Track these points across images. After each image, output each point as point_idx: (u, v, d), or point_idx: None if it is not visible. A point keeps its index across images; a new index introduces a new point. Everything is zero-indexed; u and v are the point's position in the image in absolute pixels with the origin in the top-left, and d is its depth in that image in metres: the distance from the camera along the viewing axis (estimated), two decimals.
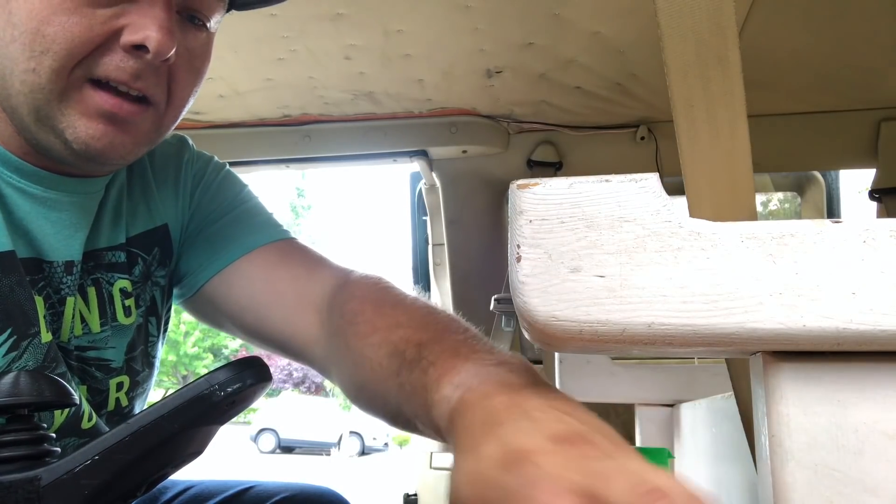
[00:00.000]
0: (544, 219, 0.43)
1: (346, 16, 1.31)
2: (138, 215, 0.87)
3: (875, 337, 0.39)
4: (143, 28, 0.67)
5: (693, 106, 0.62)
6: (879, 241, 0.39)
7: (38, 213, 0.76)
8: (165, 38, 0.67)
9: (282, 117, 1.77)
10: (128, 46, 0.68)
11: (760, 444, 0.43)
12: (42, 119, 0.69)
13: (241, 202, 0.92)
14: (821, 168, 1.89)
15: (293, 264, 0.86)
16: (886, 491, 0.39)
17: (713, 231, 0.41)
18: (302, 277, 0.84)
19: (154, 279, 0.88)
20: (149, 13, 0.68)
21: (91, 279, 0.81)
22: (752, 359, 0.44)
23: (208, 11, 0.75)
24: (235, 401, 0.64)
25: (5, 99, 0.71)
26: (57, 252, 0.77)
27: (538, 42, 1.42)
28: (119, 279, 0.84)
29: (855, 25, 1.33)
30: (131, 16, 0.68)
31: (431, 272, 2.08)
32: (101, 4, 0.67)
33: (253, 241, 0.87)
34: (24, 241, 0.75)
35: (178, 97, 0.75)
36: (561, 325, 0.42)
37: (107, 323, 0.82)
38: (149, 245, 0.87)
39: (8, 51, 0.68)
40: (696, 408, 1.04)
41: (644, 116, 1.75)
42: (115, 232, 0.84)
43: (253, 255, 0.86)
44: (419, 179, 1.99)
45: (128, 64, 0.68)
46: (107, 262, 0.83)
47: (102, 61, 0.68)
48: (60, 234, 0.77)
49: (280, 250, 0.87)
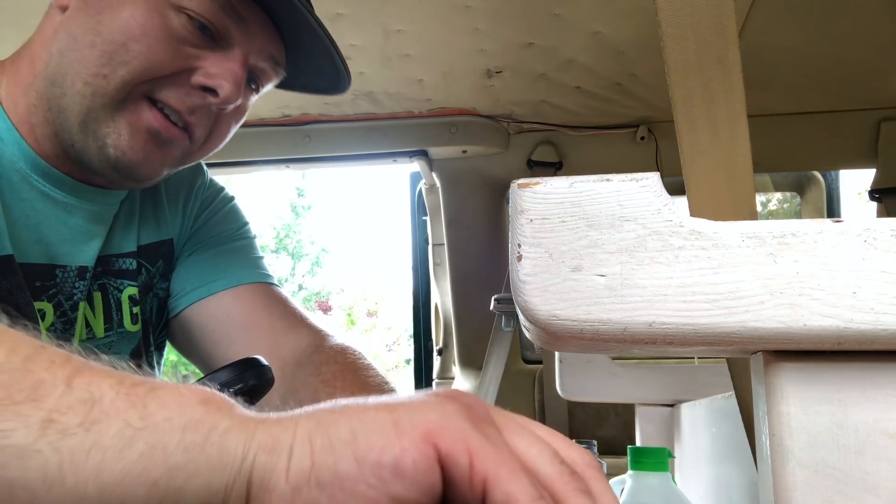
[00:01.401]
0: (545, 218, 0.43)
1: (346, 16, 1.31)
2: (148, 226, 0.89)
3: (876, 336, 0.39)
4: (218, 76, 0.74)
5: (693, 106, 0.62)
6: (880, 240, 0.39)
7: (57, 217, 0.77)
8: (235, 90, 0.75)
9: (282, 117, 1.77)
10: (197, 86, 0.74)
11: (761, 443, 0.43)
12: (88, 122, 0.73)
13: (240, 237, 0.96)
14: (821, 168, 1.89)
15: (274, 315, 0.89)
16: (887, 490, 0.39)
17: (714, 230, 0.41)
18: (279, 330, 0.88)
19: (155, 290, 0.89)
20: (226, 65, 0.75)
21: (97, 284, 0.82)
22: (753, 358, 0.44)
23: (265, 80, 0.83)
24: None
25: (58, 97, 0.73)
26: (71, 257, 0.78)
27: (538, 42, 1.42)
28: (128, 286, 0.85)
29: (855, 25, 1.33)
30: (209, 61, 0.74)
31: (431, 272, 2.08)
32: (188, 43, 0.73)
33: (240, 276, 0.90)
34: (39, 245, 0.76)
35: (214, 141, 0.81)
36: (562, 324, 0.42)
37: (112, 328, 0.83)
38: (155, 256, 0.89)
39: (82, 54, 0.72)
40: (696, 408, 1.04)
41: (644, 116, 1.75)
42: (126, 239, 0.86)
43: (238, 291, 0.90)
44: (419, 179, 1.99)
45: (190, 99, 0.74)
46: (116, 268, 0.84)
47: (168, 88, 0.73)
48: (76, 240, 0.79)
49: (264, 295, 0.91)
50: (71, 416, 0.32)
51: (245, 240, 0.95)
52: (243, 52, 0.76)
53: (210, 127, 0.79)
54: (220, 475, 0.33)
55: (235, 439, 0.34)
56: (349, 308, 11.99)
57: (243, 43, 0.76)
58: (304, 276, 11.62)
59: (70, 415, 0.32)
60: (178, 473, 0.32)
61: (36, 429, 0.31)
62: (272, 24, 0.79)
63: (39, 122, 0.75)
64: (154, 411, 0.34)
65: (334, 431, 0.34)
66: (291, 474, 0.33)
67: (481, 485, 0.34)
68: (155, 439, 0.33)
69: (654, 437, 1.20)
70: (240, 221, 0.97)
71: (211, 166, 0.99)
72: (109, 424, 0.32)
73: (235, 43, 0.76)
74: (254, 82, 0.81)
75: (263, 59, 0.79)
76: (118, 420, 0.33)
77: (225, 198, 0.98)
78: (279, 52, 0.81)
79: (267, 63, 0.80)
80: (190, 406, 0.35)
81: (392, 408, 0.35)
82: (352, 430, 0.34)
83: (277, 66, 0.82)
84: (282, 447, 0.34)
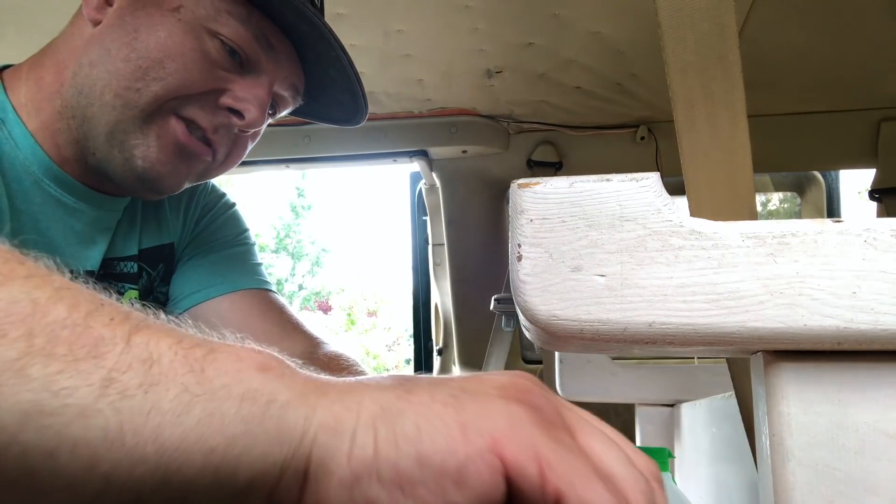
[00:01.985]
0: (545, 218, 0.43)
1: (346, 16, 1.31)
2: (150, 230, 0.90)
3: (876, 336, 0.39)
4: (246, 100, 0.78)
5: (693, 106, 0.62)
6: (881, 240, 0.39)
7: (66, 222, 0.79)
8: (260, 115, 0.79)
9: (282, 117, 1.77)
10: (224, 107, 0.78)
11: (761, 443, 0.43)
12: (116, 133, 0.75)
13: (239, 243, 0.98)
14: (821, 168, 1.89)
15: (270, 320, 0.91)
16: (887, 490, 0.39)
17: (714, 230, 0.41)
18: (274, 336, 0.89)
19: (156, 294, 0.90)
20: (254, 91, 0.78)
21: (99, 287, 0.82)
22: (753, 358, 0.44)
23: (283, 107, 0.87)
24: None
25: (85, 107, 0.75)
26: (79, 261, 0.79)
27: (538, 42, 1.42)
28: (129, 289, 0.86)
29: (855, 26, 1.33)
30: (238, 85, 0.78)
31: (431, 272, 2.07)
32: (220, 66, 0.76)
33: (238, 282, 0.92)
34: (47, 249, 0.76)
35: (232, 160, 0.85)
36: (562, 324, 0.42)
37: None
38: (156, 260, 0.90)
39: (115, 66, 0.74)
40: (696, 408, 1.04)
41: (644, 116, 1.75)
42: (128, 243, 0.87)
43: (234, 297, 0.91)
44: (419, 179, 1.99)
45: (216, 118, 0.78)
46: (118, 271, 0.85)
47: (196, 106, 0.77)
48: (83, 245, 0.80)
49: (260, 301, 0.92)
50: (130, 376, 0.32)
51: (244, 246, 0.97)
52: (270, 80, 0.80)
53: (230, 147, 0.82)
54: (278, 449, 0.33)
55: (295, 415, 0.33)
56: (349, 308, 11.99)
57: (271, 72, 0.80)
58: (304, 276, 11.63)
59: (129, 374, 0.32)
60: (235, 443, 0.32)
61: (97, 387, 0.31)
62: (297, 55, 0.82)
63: (63, 128, 0.77)
64: (212, 377, 0.33)
65: (399, 424, 0.33)
66: (353, 460, 0.33)
67: (554, 494, 0.32)
68: (213, 407, 0.32)
69: (654, 437, 1.20)
70: (240, 227, 0.98)
71: None
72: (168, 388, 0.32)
73: (264, 71, 0.79)
74: (272, 108, 0.84)
75: (286, 88, 0.83)
76: (176, 384, 0.32)
77: (226, 203, 0.99)
78: (301, 82, 0.85)
79: (288, 92, 0.84)
80: (248, 373, 0.34)
81: (460, 406, 0.34)
82: (417, 426, 0.33)
83: (297, 95, 0.86)
84: (344, 430, 0.33)
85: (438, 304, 2.11)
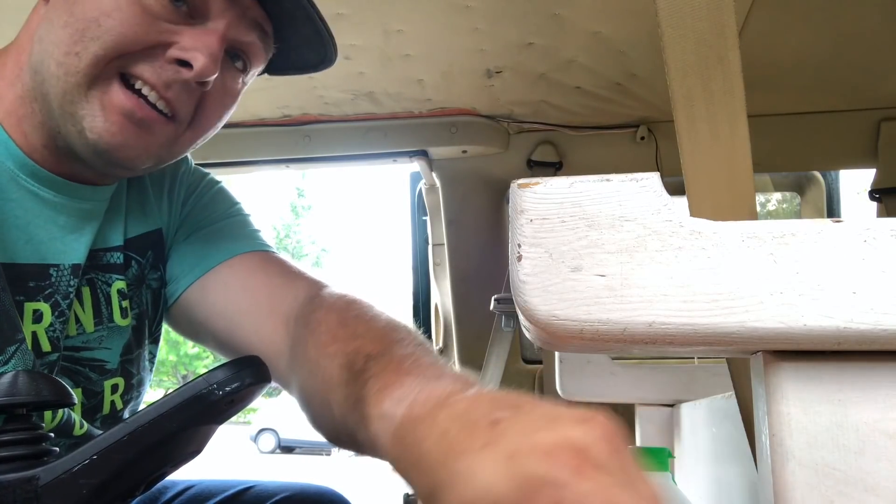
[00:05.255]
0: (545, 218, 0.43)
1: (346, 16, 1.31)
2: (135, 219, 0.88)
3: (876, 336, 0.39)
4: (193, 49, 0.72)
5: (693, 106, 0.61)
6: (880, 240, 0.39)
7: (47, 216, 0.77)
8: (210, 63, 0.73)
9: (282, 117, 1.77)
10: (172, 59, 0.72)
11: (761, 443, 0.43)
12: (65, 106, 0.72)
13: (230, 215, 0.93)
14: (821, 168, 1.89)
15: (271, 273, 0.87)
16: (887, 490, 0.39)
17: (714, 230, 0.41)
18: (277, 287, 0.85)
19: (147, 282, 0.88)
20: (203, 39, 0.73)
21: (86, 279, 0.81)
22: (753, 358, 0.44)
23: (253, 54, 0.79)
24: (234, 400, 0.64)
25: (40, 85, 0.73)
26: (64, 255, 0.78)
27: (538, 42, 1.42)
28: (116, 280, 0.84)
29: (855, 25, 1.33)
30: (185, 36, 0.72)
31: (431, 272, 2.07)
32: (163, 18, 0.72)
33: (235, 248, 0.88)
34: (30, 245, 0.75)
35: (202, 123, 0.78)
36: (562, 324, 0.42)
37: (101, 323, 0.82)
38: (144, 248, 0.88)
39: (56, 35, 0.71)
40: (696, 408, 1.04)
41: (644, 116, 1.75)
42: (113, 234, 0.85)
43: (233, 262, 0.87)
44: (419, 179, 1.99)
45: (165, 73, 0.72)
46: (104, 262, 0.84)
47: (141, 63, 0.72)
48: (67, 238, 0.78)
49: (260, 259, 0.88)
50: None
51: (238, 216, 0.93)
52: (221, 24, 0.74)
53: (194, 106, 0.76)
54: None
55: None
56: None
57: (221, 15, 0.74)
58: None
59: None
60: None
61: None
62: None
63: (27, 113, 0.75)
64: None
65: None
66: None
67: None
68: None
69: (654, 437, 1.20)
70: (229, 202, 0.95)
71: (211, 166, 0.99)
72: None
73: (212, 16, 0.74)
74: (239, 59, 0.79)
75: (247, 28, 0.77)
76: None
77: (210, 181, 0.96)
78: (264, 19, 0.78)
79: (255, 33, 0.77)
80: None
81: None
82: None
83: (267, 37, 0.79)
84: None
85: (438, 304, 2.11)
